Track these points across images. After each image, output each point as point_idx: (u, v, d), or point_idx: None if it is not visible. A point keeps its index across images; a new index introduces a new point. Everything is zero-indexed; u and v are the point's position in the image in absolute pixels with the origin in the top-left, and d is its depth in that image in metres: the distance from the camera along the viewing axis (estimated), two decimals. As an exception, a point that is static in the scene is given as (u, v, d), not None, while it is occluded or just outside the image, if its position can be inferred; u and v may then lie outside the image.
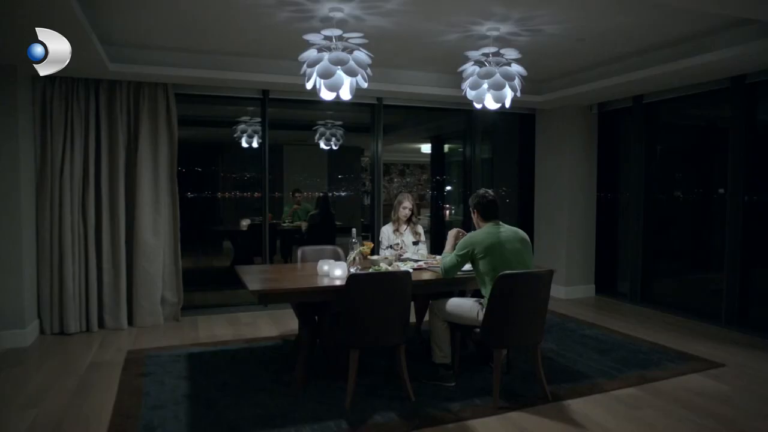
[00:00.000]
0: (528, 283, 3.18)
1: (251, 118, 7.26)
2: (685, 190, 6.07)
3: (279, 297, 3.20)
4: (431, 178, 11.27)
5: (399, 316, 3.24)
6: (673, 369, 3.91)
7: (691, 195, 6.02)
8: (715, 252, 5.87)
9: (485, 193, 3.46)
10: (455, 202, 9.24)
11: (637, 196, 6.11)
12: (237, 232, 7.93)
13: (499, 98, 4.04)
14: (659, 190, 6.12)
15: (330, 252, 4.52)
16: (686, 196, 6.09)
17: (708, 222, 5.87)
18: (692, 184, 6.05)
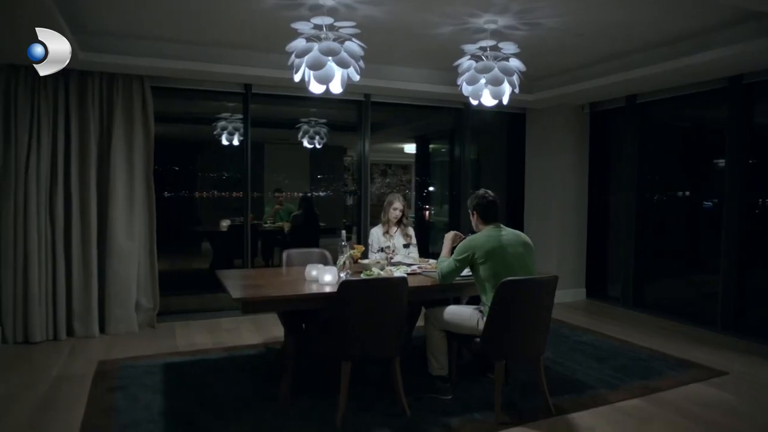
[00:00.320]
0: (532, 290, 2.98)
1: (232, 114, 6.98)
2: (679, 192, 5.96)
3: (264, 306, 2.95)
4: (415, 179, 11.10)
5: (394, 325, 3.02)
6: (675, 378, 3.76)
7: (685, 197, 5.92)
8: (708, 255, 5.79)
9: (485, 193, 3.26)
10: (438, 202, 9.07)
11: (629, 198, 5.99)
12: (216, 233, 7.64)
13: (497, 94, 3.85)
14: (652, 191, 6.02)
15: (317, 255, 4.28)
16: (679, 198, 5.98)
17: (701, 224, 5.78)
18: (686, 186, 5.94)
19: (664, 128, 6.18)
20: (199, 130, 8.05)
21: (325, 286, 3.21)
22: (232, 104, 6.65)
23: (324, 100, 6.03)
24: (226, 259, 7.42)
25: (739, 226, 4.94)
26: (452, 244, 3.48)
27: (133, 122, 4.85)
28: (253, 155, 5.67)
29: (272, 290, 3.10)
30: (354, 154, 12.31)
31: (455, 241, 3.49)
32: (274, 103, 6.23)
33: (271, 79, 5.04)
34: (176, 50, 4.56)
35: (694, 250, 6.00)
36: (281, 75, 4.88)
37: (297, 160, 9.62)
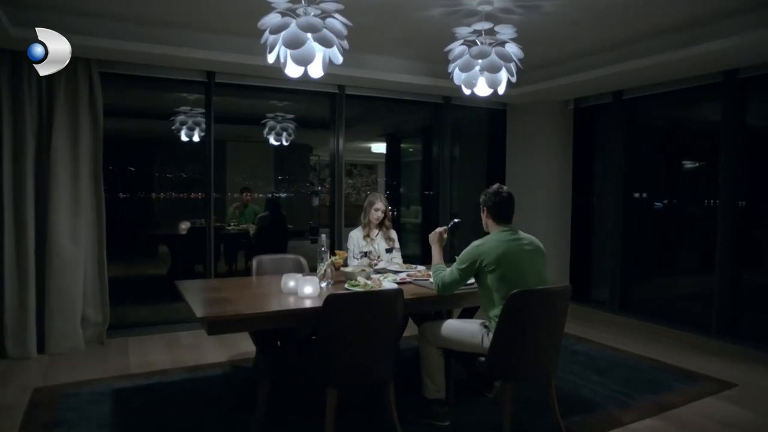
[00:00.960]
0: (547, 302, 2.62)
1: (192, 108, 6.41)
2: (667, 192, 5.75)
3: (235, 325, 2.48)
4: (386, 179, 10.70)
5: (389, 346, 2.61)
6: (684, 392, 3.48)
7: (674, 198, 5.71)
8: (694, 257, 5.61)
9: (499, 189, 2.87)
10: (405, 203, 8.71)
11: (615, 199, 5.74)
12: (175, 237, 7.03)
13: (494, 83, 3.48)
14: (639, 192, 5.78)
15: (291, 262, 3.81)
16: (668, 198, 5.78)
17: (692, 226, 5.58)
18: (674, 187, 5.74)
19: (653, 126, 5.97)
20: (156, 125, 7.43)
21: (305, 300, 2.76)
22: (192, 97, 6.11)
23: (294, 93, 5.57)
24: (185, 264, 6.84)
25: (734, 229, 4.73)
26: (441, 243, 3.08)
27: (78, 113, 4.27)
28: (215, 154, 5.15)
29: (243, 305, 2.63)
30: (320, 154, 11.99)
31: (443, 240, 3.10)
32: (239, 94, 5.72)
33: (237, 65, 4.55)
34: (129, 30, 4.02)
35: (680, 253, 5.81)
36: (249, 61, 4.42)
37: (260, 159, 9.09)
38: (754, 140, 4.80)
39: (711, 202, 5.12)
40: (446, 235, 3.12)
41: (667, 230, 5.83)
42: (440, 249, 3.07)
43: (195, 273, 5.93)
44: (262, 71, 4.74)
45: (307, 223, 10.10)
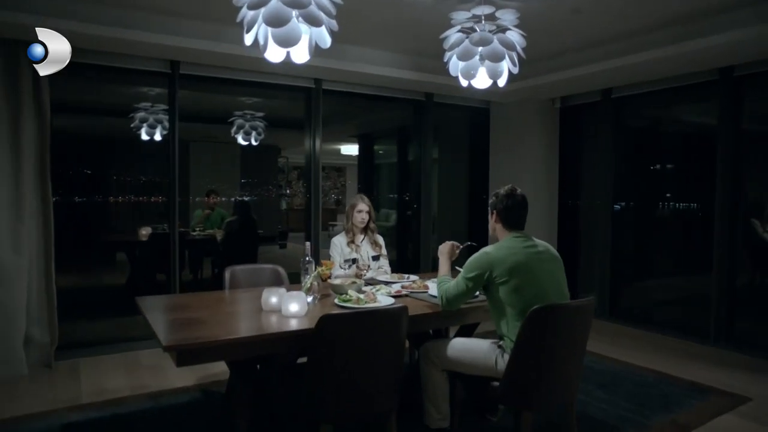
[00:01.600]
0: (571, 318, 2.30)
1: (153, 104, 5.90)
2: (658, 195, 5.57)
3: (211, 353, 2.06)
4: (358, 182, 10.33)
5: (392, 371, 2.24)
6: (699, 409, 3.23)
7: (665, 201, 5.53)
8: (689, 261, 5.44)
9: (511, 190, 2.54)
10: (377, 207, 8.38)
11: (604, 202, 5.52)
12: (135, 243, 6.48)
13: (495, 73, 3.17)
14: (629, 195, 5.57)
15: (269, 274, 3.40)
16: (660, 201, 5.59)
17: (682, 230, 5.40)
18: (666, 189, 5.56)
19: (642, 126, 5.79)
20: (113, 123, 6.86)
21: (290, 320, 2.36)
22: (153, 92, 5.62)
23: (266, 88, 5.12)
24: (146, 273, 6.30)
25: (731, 231, 4.55)
26: (451, 257, 2.75)
27: (20, 106, 3.75)
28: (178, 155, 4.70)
29: (219, 328, 2.21)
30: (288, 156, 11.54)
31: (453, 254, 2.77)
32: (207, 88, 5.26)
33: (204, 54, 4.10)
34: (80, 9, 3.53)
35: (670, 257, 5.64)
36: (219, 48, 3.99)
37: (226, 160, 8.60)
38: (752, 140, 4.63)
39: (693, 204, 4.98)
40: (458, 251, 2.79)
41: (656, 234, 5.66)
42: (449, 261, 2.73)
43: (157, 282, 5.43)
44: (232, 61, 4.32)
45: (276, 228, 9.66)
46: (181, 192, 4.91)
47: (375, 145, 9.05)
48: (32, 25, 3.40)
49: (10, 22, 3.36)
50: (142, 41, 3.79)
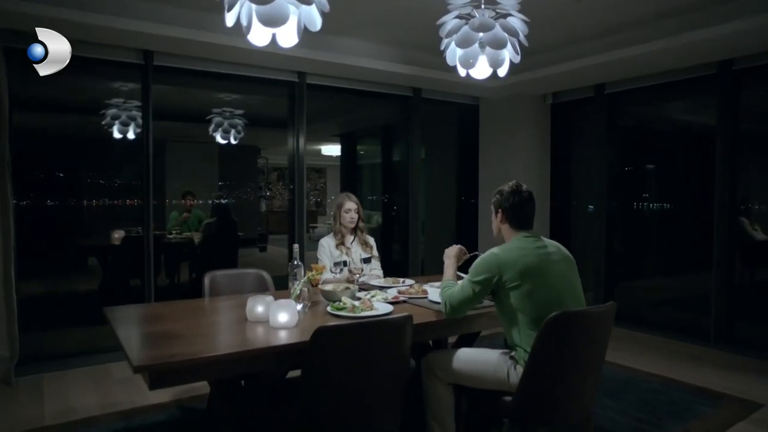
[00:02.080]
0: (591, 325, 2.09)
1: (126, 101, 5.56)
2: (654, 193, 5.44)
3: (190, 374, 1.79)
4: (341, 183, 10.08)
5: (395, 387, 2.00)
6: (711, 417, 3.07)
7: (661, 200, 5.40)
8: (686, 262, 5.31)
9: (517, 187, 2.32)
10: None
11: (598, 200, 5.35)
12: (107, 248, 6.13)
13: (496, 62, 2.94)
14: (623, 193, 5.42)
15: (253, 279, 3.13)
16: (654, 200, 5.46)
17: (679, 229, 5.27)
18: (660, 189, 5.43)
19: (637, 122, 5.66)
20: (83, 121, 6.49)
21: (280, 331, 2.11)
22: (127, 87, 5.29)
23: (246, 82, 4.85)
24: (119, 278, 5.96)
25: (730, 231, 4.43)
26: (457, 262, 2.52)
27: (-24, 97, 3.43)
28: (153, 155, 4.41)
29: (198, 343, 1.95)
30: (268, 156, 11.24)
31: (460, 258, 2.54)
32: (182, 82, 4.96)
33: (180, 43, 3.82)
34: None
35: (667, 258, 5.51)
36: (196, 36, 3.72)
37: (204, 161, 8.26)
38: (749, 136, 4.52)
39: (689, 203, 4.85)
40: (465, 256, 2.57)
41: (649, 233, 5.53)
42: (455, 265, 2.51)
43: (131, 288, 5.12)
44: (212, 51, 4.04)
45: (256, 231, 9.37)
46: (156, 194, 4.64)
47: (358, 144, 8.82)
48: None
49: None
50: (111, 27, 3.49)
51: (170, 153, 7.42)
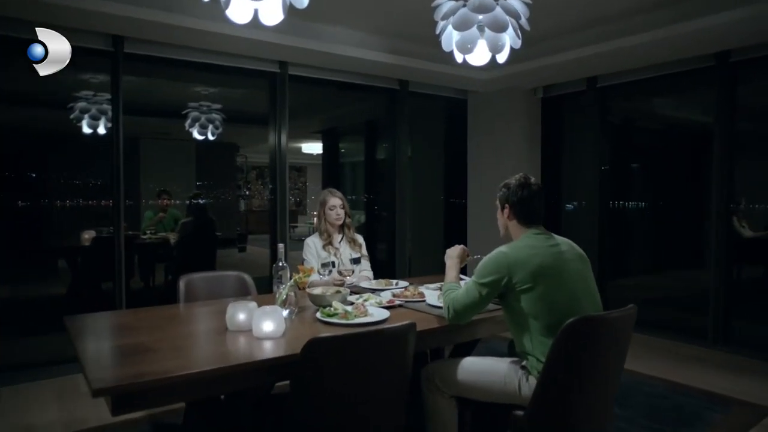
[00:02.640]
0: (612, 331, 1.89)
1: (96, 93, 5.24)
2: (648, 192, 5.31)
3: (160, 395, 1.54)
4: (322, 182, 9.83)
5: (395, 401, 1.78)
6: (722, 424, 2.93)
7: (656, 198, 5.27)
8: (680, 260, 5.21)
9: (525, 180, 2.12)
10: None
11: (590, 198, 5.20)
12: (77, 249, 5.80)
13: (496, 46, 2.74)
14: (616, 192, 5.29)
15: (233, 282, 2.87)
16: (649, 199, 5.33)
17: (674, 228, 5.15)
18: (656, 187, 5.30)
19: (631, 117, 5.53)
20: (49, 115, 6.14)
21: (265, 342, 1.87)
22: (97, 79, 4.97)
23: (225, 72, 4.58)
24: (90, 281, 5.63)
25: (728, 230, 4.31)
26: (461, 263, 2.31)
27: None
28: (127, 153, 4.13)
29: (171, 359, 1.69)
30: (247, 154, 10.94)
31: (464, 260, 2.33)
32: (155, 72, 4.69)
33: (153, 27, 3.55)
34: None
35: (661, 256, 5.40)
36: (169, 19, 3.45)
37: (180, 159, 7.94)
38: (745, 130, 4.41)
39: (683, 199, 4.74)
40: (468, 258, 2.36)
41: (644, 233, 5.41)
42: (458, 267, 2.30)
43: (102, 292, 4.82)
44: (188, 37, 3.77)
45: (235, 231, 9.09)
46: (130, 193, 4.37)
47: (341, 141, 8.59)
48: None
49: None
50: (76, 8, 3.21)
51: (144, 150, 7.10)
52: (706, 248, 4.73)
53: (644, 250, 5.54)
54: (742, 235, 4.57)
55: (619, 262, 5.44)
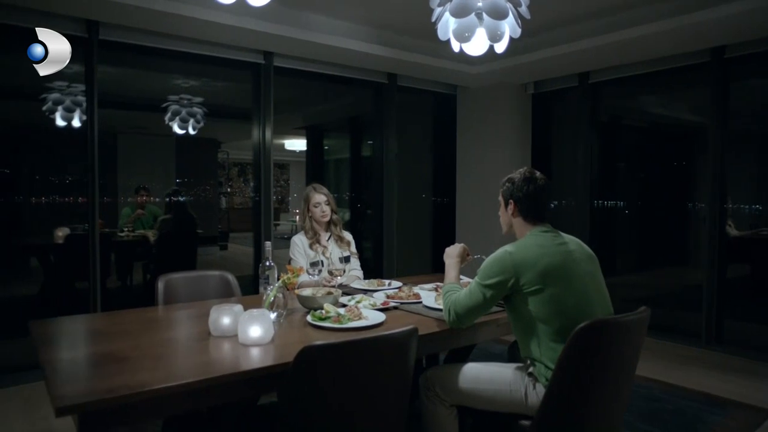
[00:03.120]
0: (626, 335, 1.77)
1: (70, 84, 4.99)
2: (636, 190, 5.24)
3: (137, 412, 1.36)
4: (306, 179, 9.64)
5: (395, 412, 1.63)
6: (724, 426, 2.84)
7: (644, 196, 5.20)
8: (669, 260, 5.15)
9: (530, 174, 2.00)
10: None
11: (581, 196, 5.12)
12: (50, 247, 5.54)
13: (495, 34, 2.60)
14: (605, 190, 5.21)
15: (216, 283, 2.70)
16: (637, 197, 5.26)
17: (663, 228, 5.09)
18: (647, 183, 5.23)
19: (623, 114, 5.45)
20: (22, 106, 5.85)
21: (252, 349, 1.71)
22: (71, 70, 4.72)
23: (207, 62, 4.39)
24: (63, 281, 5.39)
25: (720, 232, 4.26)
26: (461, 263, 2.17)
27: None
28: (103, 148, 3.93)
29: (147, 369, 1.52)
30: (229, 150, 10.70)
31: (464, 259, 2.20)
32: (133, 61, 4.47)
33: (130, 11, 3.35)
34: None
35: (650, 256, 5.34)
36: (147, 3, 3.25)
37: (159, 155, 7.68)
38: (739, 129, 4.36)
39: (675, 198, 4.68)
40: (469, 258, 2.22)
41: (632, 231, 5.34)
42: (458, 267, 2.16)
43: (77, 292, 4.61)
44: (167, 24, 3.59)
45: (216, 228, 8.88)
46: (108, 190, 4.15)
47: (325, 138, 8.42)
48: None
49: None
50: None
51: (122, 145, 6.85)
52: (695, 247, 4.70)
53: (632, 248, 5.48)
54: (728, 234, 4.53)
55: (607, 260, 5.36)
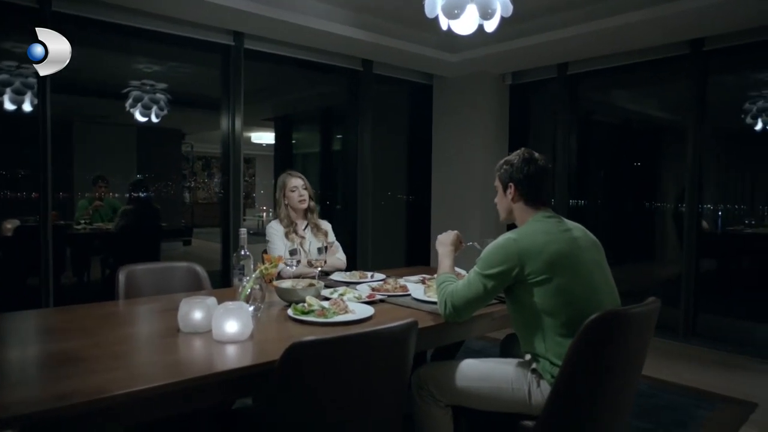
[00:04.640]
0: (636, 328, 1.65)
1: (20, 65, 4.63)
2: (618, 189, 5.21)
3: (92, 422, 1.16)
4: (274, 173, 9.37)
5: (391, 412, 1.47)
6: (714, 422, 2.80)
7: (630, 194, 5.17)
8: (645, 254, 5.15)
9: (530, 154, 1.86)
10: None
11: (561, 195, 5.03)
12: (-3, 240, 5.17)
13: (486, 11, 2.47)
14: (588, 188, 5.16)
15: (183, 275, 2.47)
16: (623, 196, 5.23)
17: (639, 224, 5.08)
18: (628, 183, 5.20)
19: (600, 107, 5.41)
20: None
21: (228, 347, 1.51)
22: (20, 49, 4.37)
23: (173, 43, 4.10)
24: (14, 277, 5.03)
25: (698, 226, 4.25)
26: (455, 251, 2.02)
27: None
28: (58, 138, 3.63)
29: (107, 370, 1.31)
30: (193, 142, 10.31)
31: (458, 247, 2.05)
32: (90, 39, 4.13)
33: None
34: None
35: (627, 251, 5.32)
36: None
37: (119, 146, 7.30)
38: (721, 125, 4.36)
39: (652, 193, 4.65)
40: (463, 246, 2.08)
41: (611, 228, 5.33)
42: (452, 256, 2.01)
43: (28, 288, 4.29)
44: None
45: (179, 223, 8.55)
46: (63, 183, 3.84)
47: (294, 130, 8.16)
48: None
49: None
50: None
51: (79, 135, 6.46)
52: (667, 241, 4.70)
53: (610, 243, 5.46)
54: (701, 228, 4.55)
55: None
